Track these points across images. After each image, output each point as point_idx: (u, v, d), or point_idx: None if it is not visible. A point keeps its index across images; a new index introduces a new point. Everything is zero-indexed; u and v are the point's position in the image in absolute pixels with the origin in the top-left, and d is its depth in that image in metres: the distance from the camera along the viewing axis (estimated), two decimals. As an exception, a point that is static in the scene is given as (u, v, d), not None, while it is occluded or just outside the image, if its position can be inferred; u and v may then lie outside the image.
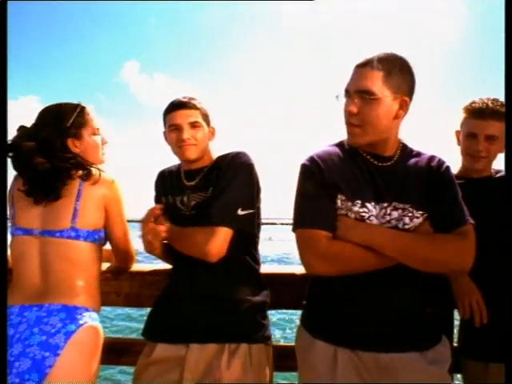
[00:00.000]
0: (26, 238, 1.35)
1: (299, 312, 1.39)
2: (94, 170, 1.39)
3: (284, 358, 1.48)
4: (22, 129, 1.41)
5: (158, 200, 1.58)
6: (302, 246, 1.20)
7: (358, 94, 1.16)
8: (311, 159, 1.26)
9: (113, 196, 1.41)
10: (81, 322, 1.23)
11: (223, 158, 1.46)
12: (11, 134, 1.44)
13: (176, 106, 1.45)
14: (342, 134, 1.30)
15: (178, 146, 1.44)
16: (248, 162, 1.41)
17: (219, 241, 1.30)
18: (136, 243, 1.53)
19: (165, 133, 1.52)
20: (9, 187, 1.43)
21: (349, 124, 1.21)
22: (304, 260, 1.20)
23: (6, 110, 1.36)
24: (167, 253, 1.48)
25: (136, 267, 1.62)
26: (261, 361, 1.34)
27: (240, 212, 1.34)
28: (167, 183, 1.56)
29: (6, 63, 1.42)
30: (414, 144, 1.34)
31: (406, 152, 1.28)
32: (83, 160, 1.41)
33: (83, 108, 1.44)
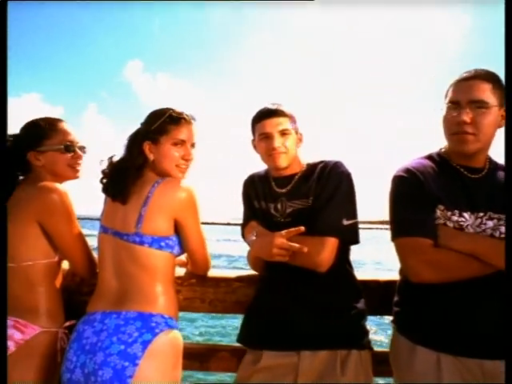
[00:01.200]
0: (103, 236, 1.39)
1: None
2: (167, 179, 1.36)
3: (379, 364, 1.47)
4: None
5: (248, 204, 1.60)
6: (407, 253, 1.25)
7: (470, 104, 1.24)
8: (408, 171, 1.33)
9: (186, 204, 1.33)
10: (156, 330, 1.22)
11: (322, 167, 1.46)
12: (11, 132, 1.50)
13: (266, 115, 1.46)
14: (340, 134, 1.30)
15: (268, 154, 1.46)
16: (347, 171, 1.42)
17: (329, 251, 1.32)
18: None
19: (253, 141, 1.55)
20: None
21: (461, 133, 1.26)
22: (409, 267, 1.25)
23: (5, 110, 1.41)
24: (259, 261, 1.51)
25: (221, 273, 1.64)
26: (368, 366, 1.35)
27: (345, 222, 1.35)
28: (258, 188, 1.58)
29: (6, 63, 1.43)
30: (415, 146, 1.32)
31: (493, 164, 1.36)
32: (155, 166, 1.40)
33: (171, 116, 1.39)
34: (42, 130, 1.46)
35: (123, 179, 1.34)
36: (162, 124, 1.38)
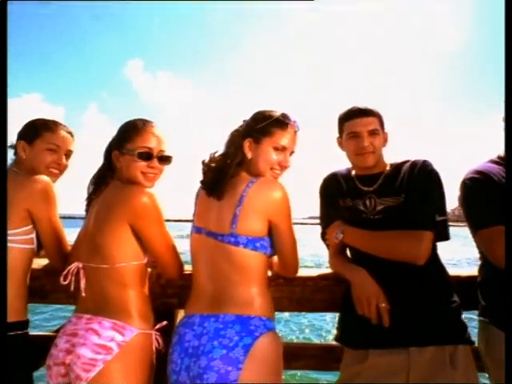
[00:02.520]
0: (196, 237, 1.38)
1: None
2: (262, 179, 1.34)
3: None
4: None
5: (332, 202, 1.59)
6: (492, 242, 1.31)
7: None
8: (479, 172, 1.43)
9: (281, 206, 1.31)
10: (256, 333, 1.20)
11: (410, 166, 1.48)
12: (10, 134, 1.52)
13: (356, 114, 1.49)
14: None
15: (356, 153, 1.50)
16: (436, 170, 1.45)
17: (427, 244, 1.34)
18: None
19: (338, 138, 1.58)
20: None
21: None
22: (498, 255, 1.29)
23: (6, 110, 1.40)
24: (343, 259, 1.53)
25: (307, 273, 1.62)
26: (472, 361, 1.34)
27: (438, 218, 1.38)
28: (342, 186, 1.58)
29: (6, 63, 1.43)
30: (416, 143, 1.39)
31: None
32: (249, 164, 1.38)
33: (278, 119, 1.38)
34: (128, 132, 1.44)
35: (222, 175, 1.33)
36: (268, 125, 1.37)
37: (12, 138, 1.58)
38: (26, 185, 1.44)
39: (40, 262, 1.65)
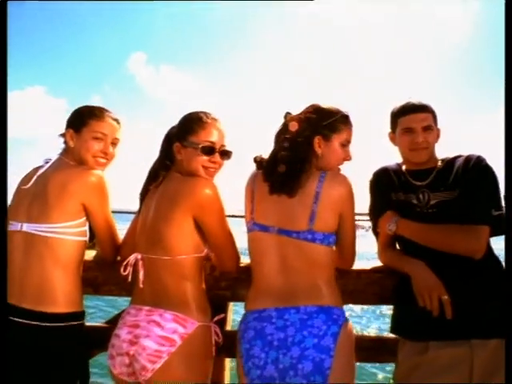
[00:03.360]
0: (262, 235, 1.35)
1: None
2: (331, 173, 1.36)
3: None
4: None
5: (383, 195, 1.59)
6: None
7: None
8: None
9: (350, 199, 1.35)
10: (339, 322, 1.25)
11: (464, 161, 1.49)
12: (13, 126, 1.43)
13: (411, 110, 1.50)
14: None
15: (410, 148, 1.51)
16: (490, 165, 1.47)
17: (484, 238, 1.37)
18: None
19: (390, 133, 1.60)
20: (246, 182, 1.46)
21: None
22: None
23: (5, 110, 1.38)
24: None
25: (361, 266, 1.61)
26: None
27: (494, 213, 1.39)
28: (394, 180, 1.58)
29: (6, 63, 1.41)
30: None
31: None
32: (318, 160, 1.37)
33: (343, 116, 1.40)
34: (191, 125, 1.42)
35: (295, 172, 1.31)
36: (335, 122, 1.37)
37: (12, 131, 1.54)
38: (82, 178, 1.43)
39: (89, 254, 1.65)
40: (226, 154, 1.45)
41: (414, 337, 1.40)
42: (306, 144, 1.34)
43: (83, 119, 1.52)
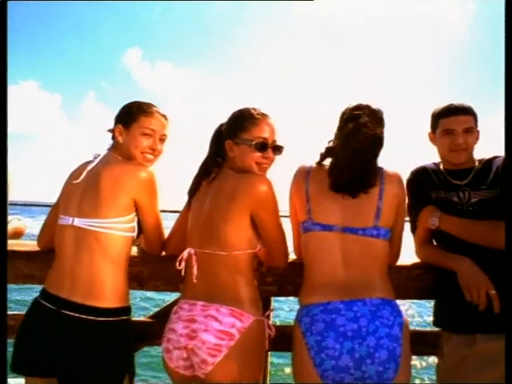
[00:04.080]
0: (324, 234, 1.38)
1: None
2: (387, 170, 1.42)
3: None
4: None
5: (423, 193, 1.63)
6: None
7: None
8: None
9: (404, 195, 1.45)
10: (401, 314, 1.32)
11: (505, 161, 1.54)
12: (10, 119, 1.42)
13: (453, 112, 1.57)
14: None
15: (450, 149, 1.57)
16: None
17: None
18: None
19: (430, 134, 1.67)
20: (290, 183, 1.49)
21: None
22: None
23: (5, 110, 1.39)
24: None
25: (400, 261, 1.64)
26: None
27: None
28: (434, 179, 1.64)
29: (6, 63, 1.43)
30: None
31: None
32: None
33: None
34: (242, 122, 1.44)
35: (367, 171, 1.35)
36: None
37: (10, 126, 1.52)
38: (134, 174, 1.44)
39: (133, 250, 1.66)
40: (278, 149, 1.47)
41: (461, 330, 1.44)
42: (379, 140, 1.39)
43: (133, 115, 1.52)
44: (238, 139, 1.42)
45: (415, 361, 4.66)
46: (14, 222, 1.89)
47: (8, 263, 1.68)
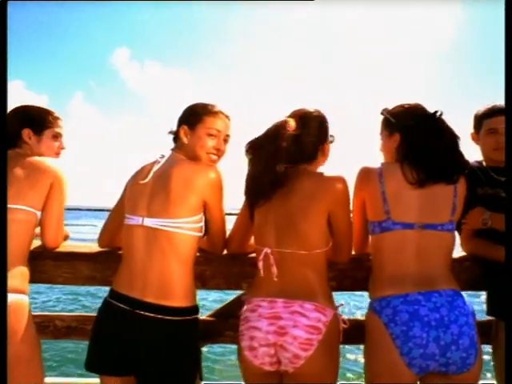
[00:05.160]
0: (404, 232, 1.42)
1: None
2: None
3: None
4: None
5: (471, 189, 1.67)
6: None
7: None
8: None
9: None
10: (468, 303, 1.39)
11: None
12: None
13: (497, 112, 1.67)
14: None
15: (494, 148, 1.68)
16: None
17: None
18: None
19: (473, 134, 1.78)
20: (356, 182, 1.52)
21: None
22: None
23: (5, 109, 1.45)
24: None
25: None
26: None
27: None
28: (480, 176, 1.73)
29: (6, 63, 1.44)
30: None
31: None
32: None
33: None
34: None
35: (456, 159, 1.45)
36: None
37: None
38: (205, 174, 1.46)
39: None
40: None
41: None
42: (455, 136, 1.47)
43: (198, 115, 1.55)
44: (328, 140, 1.52)
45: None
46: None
47: (68, 264, 1.71)
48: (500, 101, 1.65)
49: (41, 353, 1.53)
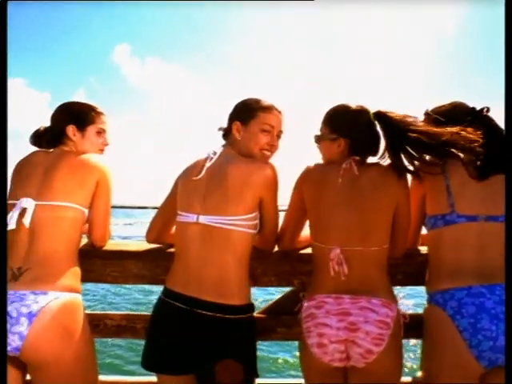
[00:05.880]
0: (467, 225, 1.42)
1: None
2: None
3: None
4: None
5: None
6: None
7: None
8: None
9: None
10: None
11: None
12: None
13: None
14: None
15: None
16: None
17: None
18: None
19: None
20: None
21: None
22: None
23: (5, 109, 1.42)
24: None
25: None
26: None
27: None
28: None
29: (6, 63, 1.44)
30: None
31: None
32: None
33: None
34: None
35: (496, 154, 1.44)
36: None
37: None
38: (262, 172, 1.44)
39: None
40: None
41: None
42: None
43: (252, 111, 1.53)
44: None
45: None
46: None
47: (116, 263, 1.69)
48: (500, 101, 1.63)
49: (95, 351, 1.52)
